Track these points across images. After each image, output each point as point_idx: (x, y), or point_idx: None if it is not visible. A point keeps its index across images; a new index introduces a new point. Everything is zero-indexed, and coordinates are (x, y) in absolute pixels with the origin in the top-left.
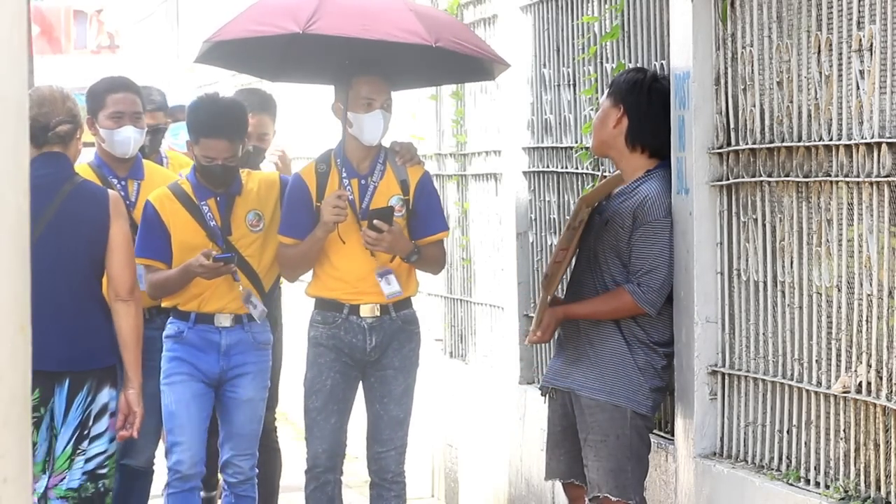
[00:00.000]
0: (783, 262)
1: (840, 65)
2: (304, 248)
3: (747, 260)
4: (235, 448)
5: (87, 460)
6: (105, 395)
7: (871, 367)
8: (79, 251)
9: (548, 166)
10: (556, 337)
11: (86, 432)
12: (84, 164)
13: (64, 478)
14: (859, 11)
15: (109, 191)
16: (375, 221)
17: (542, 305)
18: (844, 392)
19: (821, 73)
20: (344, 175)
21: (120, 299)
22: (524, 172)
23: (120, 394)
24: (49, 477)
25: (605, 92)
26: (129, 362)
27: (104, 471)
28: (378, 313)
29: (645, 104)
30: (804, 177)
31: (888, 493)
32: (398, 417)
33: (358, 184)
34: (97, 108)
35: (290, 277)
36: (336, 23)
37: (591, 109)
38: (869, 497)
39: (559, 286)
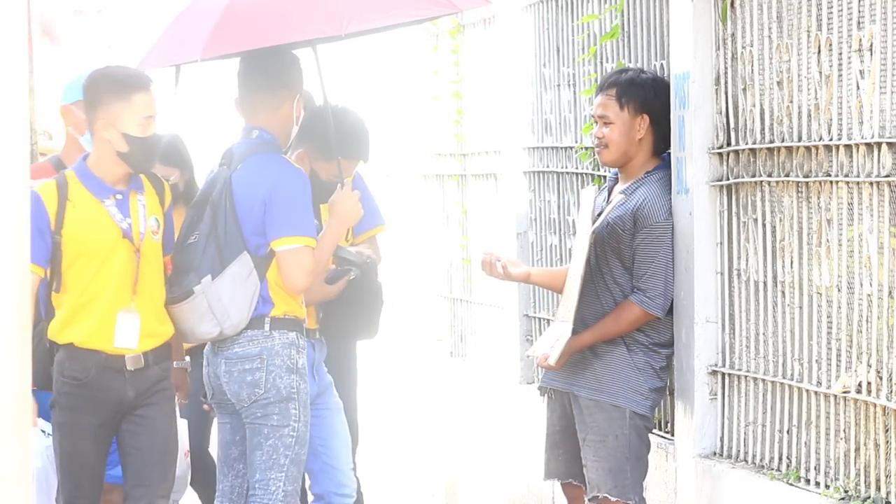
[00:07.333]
0: (783, 262)
1: (840, 65)
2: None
3: (747, 260)
4: None
5: None
6: None
7: (871, 367)
8: None
9: (548, 166)
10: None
11: None
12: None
13: None
14: (859, 11)
15: None
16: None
17: (567, 343)
18: (844, 392)
19: (821, 73)
20: None
21: None
22: (524, 172)
23: None
24: None
25: (601, 100)
26: None
27: None
28: None
29: (666, 105)
30: (804, 177)
31: (888, 493)
32: None
33: None
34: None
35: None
36: (235, 35)
37: (592, 110)
38: (869, 497)
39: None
